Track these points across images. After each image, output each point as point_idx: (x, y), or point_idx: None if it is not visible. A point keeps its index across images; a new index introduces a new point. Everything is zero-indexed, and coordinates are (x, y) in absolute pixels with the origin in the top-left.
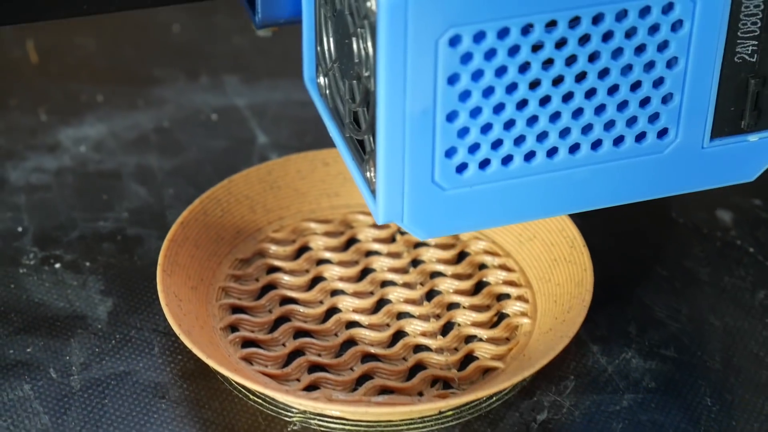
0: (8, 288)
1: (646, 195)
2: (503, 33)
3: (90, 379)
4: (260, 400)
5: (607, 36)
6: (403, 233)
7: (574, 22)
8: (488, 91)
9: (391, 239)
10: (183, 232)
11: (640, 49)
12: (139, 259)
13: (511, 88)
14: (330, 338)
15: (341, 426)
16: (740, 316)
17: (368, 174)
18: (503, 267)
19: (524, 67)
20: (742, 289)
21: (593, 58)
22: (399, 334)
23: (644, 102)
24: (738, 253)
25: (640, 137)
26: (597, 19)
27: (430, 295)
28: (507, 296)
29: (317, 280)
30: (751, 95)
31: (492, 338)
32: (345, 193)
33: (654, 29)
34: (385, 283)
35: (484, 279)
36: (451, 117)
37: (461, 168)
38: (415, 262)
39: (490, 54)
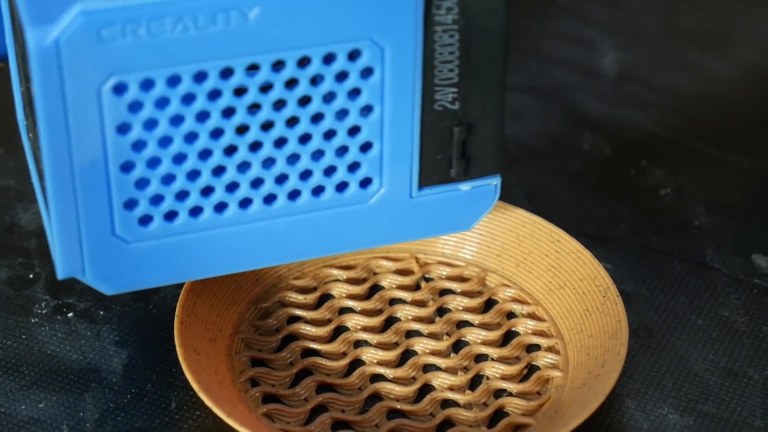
0: (20, 339)
1: (353, 246)
2: (174, 81)
3: None
4: None
5: (291, 83)
6: (428, 280)
7: (252, 69)
8: (165, 141)
9: (416, 286)
10: (201, 281)
11: (329, 97)
12: (154, 307)
13: (191, 137)
14: (354, 393)
15: None
16: None
17: None
18: (532, 316)
19: (203, 116)
20: None
21: (279, 106)
22: (425, 388)
23: (341, 151)
24: None
25: (342, 187)
26: (277, 67)
27: (457, 345)
28: (537, 347)
29: (340, 329)
30: (457, 144)
31: (522, 392)
32: None
33: (342, 76)
34: (410, 333)
35: (513, 329)
36: (125, 168)
37: (145, 220)
38: (441, 311)
39: (162, 102)
